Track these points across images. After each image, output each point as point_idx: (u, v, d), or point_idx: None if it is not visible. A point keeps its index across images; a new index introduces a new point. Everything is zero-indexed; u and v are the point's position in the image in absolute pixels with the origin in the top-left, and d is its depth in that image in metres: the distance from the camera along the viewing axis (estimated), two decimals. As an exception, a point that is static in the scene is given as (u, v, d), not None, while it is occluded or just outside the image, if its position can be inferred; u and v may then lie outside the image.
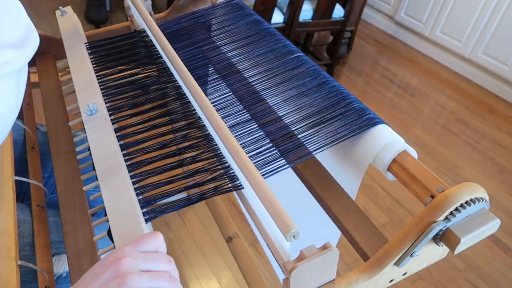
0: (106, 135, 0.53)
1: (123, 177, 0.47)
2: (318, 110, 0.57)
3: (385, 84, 2.47)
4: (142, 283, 0.35)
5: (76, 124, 0.71)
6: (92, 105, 0.55)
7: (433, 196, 0.44)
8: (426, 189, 0.46)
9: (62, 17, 0.77)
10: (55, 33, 0.83)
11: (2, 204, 0.51)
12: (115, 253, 0.36)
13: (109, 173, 0.48)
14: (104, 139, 0.52)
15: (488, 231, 0.44)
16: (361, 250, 0.51)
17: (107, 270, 0.35)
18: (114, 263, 0.35)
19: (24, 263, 0.50)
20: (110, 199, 0.45)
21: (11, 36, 0.45)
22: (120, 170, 0.48)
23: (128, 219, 0.43)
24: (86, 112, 0.55)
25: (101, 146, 0.51)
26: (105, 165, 0.49)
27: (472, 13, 2.50)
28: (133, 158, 0.53)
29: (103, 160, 0.49)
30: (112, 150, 0.50)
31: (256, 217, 0.48)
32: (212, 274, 1.30)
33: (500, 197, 1.77)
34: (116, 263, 0.35)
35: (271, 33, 0.71)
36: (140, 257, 0.37)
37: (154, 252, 0.39)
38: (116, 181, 0.47)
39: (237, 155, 0.46)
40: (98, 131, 0.53)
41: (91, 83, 0.61)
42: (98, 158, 0.50)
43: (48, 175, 0.78)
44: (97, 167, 0.49)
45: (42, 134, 0.83)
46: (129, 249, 0.37)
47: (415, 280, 1.37)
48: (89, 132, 0.53)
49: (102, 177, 0.47)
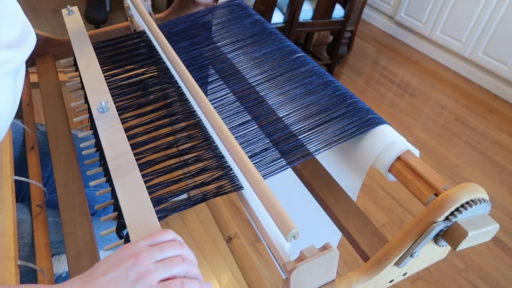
0: (118, 132, 0.53)
1: (138, 175, 0.48)
2: (319, 111, 0.56)
3: (385, 84, 2.47)
4: (158, 275, 0.37)
5: (75, 123, 0.71)
6: (104, 102, 0.56)
7: (437, 194, 0.44)
8: (431, 187, 0.45)
9: (68, 16, 0.78)
10: (55, 33, 0.83)
11: (2, 204, 0.51)
12: (132, 247, 0.38)
13: (123, 169, 0.48)
14: (116, 137, 0.53)
15: (488, 235, 0.43)
16: (361, 251, 0.51)
17: (125, 263, 0.36)
18: (133, 257, 0.37)
19: (23, 263, 0.49)
20: (125, 195, 0.46)
21: (8, 36, 0.45)
22: (134, 167, 0.49)
23: (144, 216, 0.43)
24: (98, 109, 0.56)
25: (114, 143, 0.52)
26: (119, 161, 0.49)
27: (472, 13, 2.50)
28: (141, 158, 0.53)
29: (116, 156, 0.50)
30: (126, 147, 0.51)
31: (256, 217, 0.47)
32: (212, 274, 1.30)
33: (500, 197, 1.77)
34: (136, 257, 0.37)
35: (272, 33, 0.71)
36: (155, 250, 0.38)
37: (166, 241, 0.40)
38: (131, 178, 0.47)
39: (237, 155, 0.46)
40: (110, 129, 0.54)
41: (100, 81, 0.62)
42: (110, 154, 0.50)
43: (47, 174, 0.78)
44: (110, 163, 0.49)
45: (41, 134, 0.83)
46: (143, 244, 0.39)
47: (415, 280, 1.37)
48: (100, 129, 0.53)
49: (115, 173, 0.48)
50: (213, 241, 1.39)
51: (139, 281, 0.36)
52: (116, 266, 0.37)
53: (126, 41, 0.76)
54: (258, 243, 1.41)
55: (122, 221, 0.45)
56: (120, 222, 0.48)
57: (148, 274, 0.36)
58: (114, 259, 0.37)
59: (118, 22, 2.55)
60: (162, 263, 0.38)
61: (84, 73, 0.63)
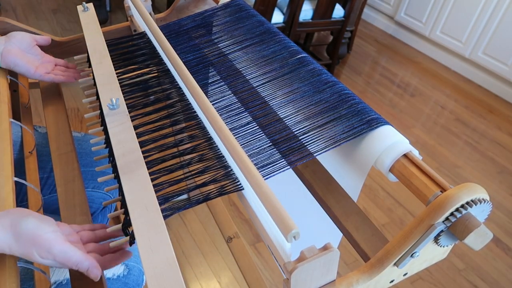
0: (128, 130, 0.53)
1: (145, 172, 0.48)
2: (320, 111, 0.56)
3: (385, 84, 2.47)
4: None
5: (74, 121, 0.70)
6: (115, 99, 0.56)
7: (442, 192, 0.44)
8: (433, 187, 0.45)
9: (84, 13, 0.78)
10: (55, 33, 0.83)
11: (2, 204, 0.50)
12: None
13: (131, 167, 0.49)
14: (126, 134, 0.53)
15: (482, 242, 0.43)
16: (361, 251, 0.51)
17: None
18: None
19: (24, 265, 0.49)
20: (132, 192, 0.46)
21: None
22: (142, 165, 0.49)
23: (149, 214, 0.43)
24: (109, 106, 0.56)
25: (123, 140, 0.52)
26: (127, 159, 0.50)
27: (472, 13, 2.50)
28: (147, 157, 0.53)
29: (125, 153, 0.50)
30: (134, 145, 0.51)
31: (256, 217, 0.47)
32: (212, 274, 1.30)
33: (500, 197, 1.77)
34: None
35: (274, 33, 0.71)
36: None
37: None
38: (138, 175, 0.48)
39: (237, 155, 0.46)
40: (119, 126, 0.54)
41: (112, 78, 0.62)
42: (119, 151, 0.50)
43: (46, 175, 0.78)
44: (118, 160, 0.49)
45: (40, 135, 0.83)
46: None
47: (415, 280, 1.37)
48: (110, 126, 0.54)
49: (123, 170, 0.48)
50: (213, 241, 1.39)
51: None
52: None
53: (132, 41, 0.76)
54: (258, 243, 1.41)
55: (128, 218, 0.45)
56: (126, 219, 0.48)
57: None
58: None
59: (118, 22, 2.55)
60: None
61: (97, 70, 0.63)
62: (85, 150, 0.83)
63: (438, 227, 0.42)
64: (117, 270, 0.66)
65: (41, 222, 0.45)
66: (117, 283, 0.65)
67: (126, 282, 0.66)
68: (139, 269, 0.69)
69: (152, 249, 0.40)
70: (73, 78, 0.78)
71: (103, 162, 0.61)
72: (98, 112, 0.66)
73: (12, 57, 0.70)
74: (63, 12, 2.59)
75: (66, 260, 0.44)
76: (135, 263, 0.69)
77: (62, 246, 0.44)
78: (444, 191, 0.44)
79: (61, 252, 0.44)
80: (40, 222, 0.45)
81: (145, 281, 0.70)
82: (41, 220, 0.46)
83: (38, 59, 0.76)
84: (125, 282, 0.66)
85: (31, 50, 0.75)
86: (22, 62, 0.71)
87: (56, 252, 0.44)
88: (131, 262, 0.68)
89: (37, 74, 0.73)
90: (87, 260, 0.45)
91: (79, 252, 0.45)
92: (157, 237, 0.41)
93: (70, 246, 0.45)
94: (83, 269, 0.45)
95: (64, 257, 0.44)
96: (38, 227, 0.44)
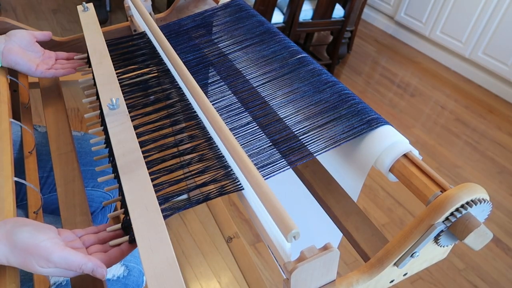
0: (128, 130, 0.53)
1: (145, 172, 0.48)
2: (320, 111, 0.56)
3: (385, 84, 2.47)
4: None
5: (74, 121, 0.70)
6: (115, 99, 0.56)
7: (442, 192, 0.44)
8: (433, 187, 0.45)
9: (84, 13, 0.78)
10: (55, 33, 0.83)
11: (2, 205, 0.50)
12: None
13: (131, 167, 0.49)
14: (125, 134, 0.53)
15: (481, 242, 0.43)
16: (361, 251, 0.51)
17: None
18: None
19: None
20: (132, 192, 0.46)
21: None
22: (142, 165, 0.49)
23: (149, 214, 0.43)
24: (108, 106, 0.56)
25: (123, 140, 0.52)
26: (127, 158, 0.50)
27: (472, 13, 2.50)
28: (147, 157, 0.53)
29: (125, 153, 0.50)
30: (134, 145, 0.51)
31: (256, 217, 0.47)
32: (212, 274, 1.30)
33: (500, 197, 1.77)
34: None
35: (274, 33, 0.71)
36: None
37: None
38: (138, 175, 0.48)
39: (237, 155, 0.46)
40: (119, 126, 0.54)
41: (112, 78, 0.62)
42: (119, 151, 0.50)
43: (46, 175, 0.78)
44: (118, 160, 0.49)
45: (40, 135, 0.83)
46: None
47: (415, 280, 1.37)
48: (110, 126, 0.54)
49: (123, 170, 0.48)
50: (213, 241, 1.39)
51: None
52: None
53: (133, 40, 0.76)
54: (258, 243, 1.41)
55: (128, 218, 0.45)
56: (126, 219, 0.48)
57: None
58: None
59: (118, 22, 2.55)
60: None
61: (96, 70, 0.63)
62: (84, 149, 0.83)
63: (438, 227, 0.42)
64: (117, 271, 0.66)
65: (37, 231, 0.44)
66: (117, 284, 0.65)
67: (126, 283, 0.66)
68: (139, 270, 0.69)
69: (152, 249, 0.40)
70: (73, 70, 0.77)
71: (103, 162, 0.61)
72: (98, 112, 0.66)
73: (13, 55, 0.70)
74: (63, 12, 2.59)
75: (68, 265, 0.43)
76: (135, 264, 0.69)
77: (62, 252, 0.43)
78: (444, 191, 0.44)
79: (61, 259, 0.43)
80: (36, 231, 0.44)
81: (145, 282, 0.70)
82: (37, 229, 0.45)
83: (38, 56, 0.76)
84: (125, 283, 0.66)
85: (31, 47, 0.75)
86: (23, 60, 0.71)
87: (56, 259, 0.43)
88: (131, 263, 0.68)
89: (39, 72, 0.73)
90: (90, 261, 0.44)
91: (81, 254, 0.44)
92: (157, 237, 0.41)
93: (70, 251, 0.44)
94: (88, 270, 0.44)
95: (65, 263, 0.43)
96: (33, 236, 0.43)
